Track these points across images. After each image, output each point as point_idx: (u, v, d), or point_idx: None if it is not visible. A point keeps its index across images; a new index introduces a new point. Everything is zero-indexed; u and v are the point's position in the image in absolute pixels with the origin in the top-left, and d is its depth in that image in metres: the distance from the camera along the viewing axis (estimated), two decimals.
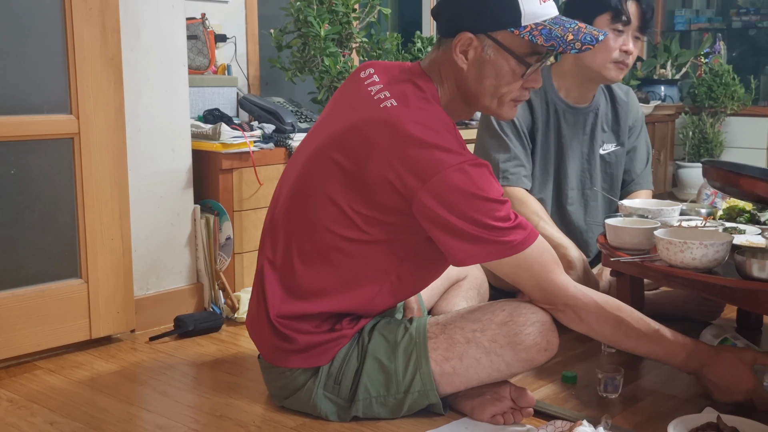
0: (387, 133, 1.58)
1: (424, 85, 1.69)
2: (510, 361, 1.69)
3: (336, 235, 1.66)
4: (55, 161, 2.19)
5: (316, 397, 1.74)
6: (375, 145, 1.59)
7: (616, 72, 2.37)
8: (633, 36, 2.36)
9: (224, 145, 2.56)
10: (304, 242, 1.71)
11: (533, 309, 1.71)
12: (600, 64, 2.36)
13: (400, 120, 1.59)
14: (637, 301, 2.22)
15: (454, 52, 1.65)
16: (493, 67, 1.65)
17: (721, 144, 4.88)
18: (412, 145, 1.57)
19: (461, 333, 1.70)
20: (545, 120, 2.46)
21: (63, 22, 2.15)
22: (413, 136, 1.57)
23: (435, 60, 1.72)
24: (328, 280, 1.70)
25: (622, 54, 2.35)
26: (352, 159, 1.62)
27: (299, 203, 1.71)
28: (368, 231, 1.65)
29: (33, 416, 1.82)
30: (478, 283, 2.16)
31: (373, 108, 1.64)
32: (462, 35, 1.63)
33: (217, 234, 2.58)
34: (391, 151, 1.57)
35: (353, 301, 1.72)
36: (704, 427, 1.62)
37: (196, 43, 3.18)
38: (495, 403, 1.76)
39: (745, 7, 5.51)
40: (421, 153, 1.56)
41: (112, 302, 2.31)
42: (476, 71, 1.66)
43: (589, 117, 2.51)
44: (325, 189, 1.66)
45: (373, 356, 1.71)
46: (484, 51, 1.64)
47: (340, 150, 1.64)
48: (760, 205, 2.26)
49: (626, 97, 2.60)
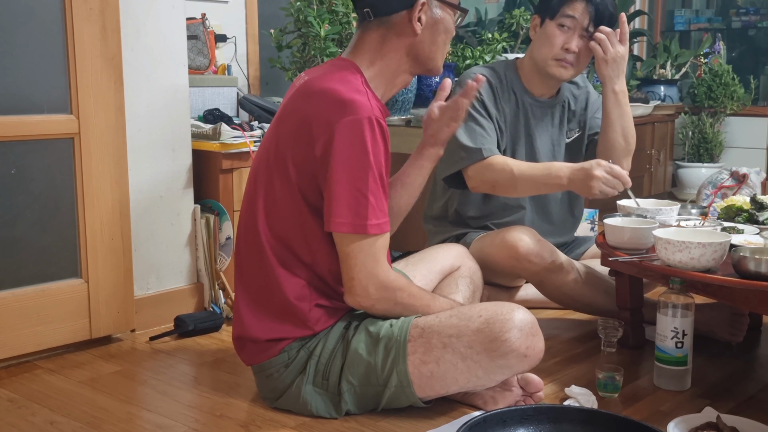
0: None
1: (345, 63, 1.78)
2: (488, 367, 1.68)
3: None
4: (55, 161, 2.19)
5: (305, 394, 1.76)
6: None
7: (557, 69, 2.37)
8: (580, 35, 2.34)
9: (224, 145, 2.56)
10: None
11: (512, 315, 1.68)
12: (543, 59, 2.38)
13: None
14: (636, 301, 2.23)
15: (413, 21, 1.76)
16: (443, 24, 1.81)
17: (721, 144, 4.88)
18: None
19: (438, 338, 1.70)
20: (514, 114, 2.46)
21: (63, 22, 2.15)
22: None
23: (367, 42, 1.79)
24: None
25: (563, 52, 2.34)
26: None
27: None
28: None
29: (33, 416, 1.83)
30: (471, 272, 2.17)
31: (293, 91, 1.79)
32: (418, 3, 1.75)
33: (217, 234, 2.58)
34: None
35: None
36: (704, 427, 1.62)
37: (196, 43, 3.19)
38: (506, 393, 1.80)
39: (744, 7, 5.51)
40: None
41: (112, 302, 2.32)
42: (429, 33, 1.79)
43: (557, 109, 2.52)
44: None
45: (355, 349, 1.74)
46: (432, 12, 1.79)
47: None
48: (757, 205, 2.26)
49: (583, 83, 2.61)
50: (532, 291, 2.55)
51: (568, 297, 2.38)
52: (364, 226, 1.66)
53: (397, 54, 1.79)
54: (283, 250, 1.74)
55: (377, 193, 1.67)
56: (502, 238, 2.33)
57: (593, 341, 2.27)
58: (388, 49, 1.78)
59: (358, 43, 1.80)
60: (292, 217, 1.72)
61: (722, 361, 2.16)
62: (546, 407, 1.67)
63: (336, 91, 1.67)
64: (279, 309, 1.75)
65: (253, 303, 1.78)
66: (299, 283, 1.74)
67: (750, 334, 2.29)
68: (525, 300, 2.56)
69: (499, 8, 5.18)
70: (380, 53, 1.78)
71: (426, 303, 1.78)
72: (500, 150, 2.43)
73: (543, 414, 1.62)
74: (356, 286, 1.70)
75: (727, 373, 2.08)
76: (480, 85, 1.90)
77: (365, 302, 1.72)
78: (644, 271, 2.05)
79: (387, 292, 1.72)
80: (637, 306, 2.24)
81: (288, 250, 1.74)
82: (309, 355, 1.76)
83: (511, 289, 2.60)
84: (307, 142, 1.68)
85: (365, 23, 1.79)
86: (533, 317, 1.72)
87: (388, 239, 1.73)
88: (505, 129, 2.45)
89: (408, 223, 2.11)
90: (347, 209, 1.65)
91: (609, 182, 2.15)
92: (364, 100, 1.66)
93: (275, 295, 1.74)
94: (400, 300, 1.74)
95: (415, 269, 2.08)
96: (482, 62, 3.59)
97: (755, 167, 2.91)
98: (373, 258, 1.69)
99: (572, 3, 2.32)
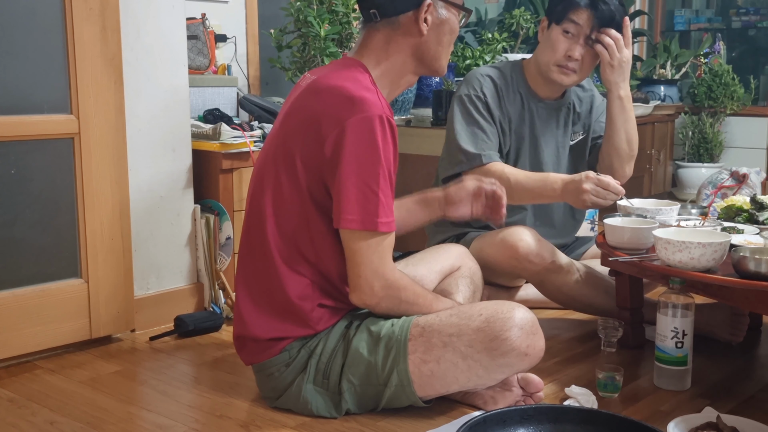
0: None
1: (352, 62, 1.78)
2: (488, 366, 1.68)
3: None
4: (55, 161, 2.19)
5: (306, 393, 1.76)
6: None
7: (558, 75, 2.38)
8: (583, 43, 2.34)
9: (224, 145, 2.56)
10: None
11: (512, 314, 1.69)
12: (545, 64, 2.39)
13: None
14: (636, 301, 2.23)
15: (419, 22, 1.76)
16: (448, 24, 1.81)
17: (721, 144, 4.88)
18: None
19: (438, 337, 1.70)
20: (519, 115, 2.47)
21: (63, 22, 2.15)
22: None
23: (373, 42, 1.79)
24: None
25: (565, 59, 2.35)
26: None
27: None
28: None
29: (33, 416, 1.83)
30: (471, 272, 2.17)
31: (299, 90, 1.79)
32: (425, 4, 1.75)
33: (217, 234, 2.58)
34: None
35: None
36: (704, 427, 1.62)
37: (196, 43, 3.19)
38: (506, 393, 1.80)
39: (744, 7, 5.51)
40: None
41: (112, 302, 2.32)
42: (435, 33, 1.80)
43: (562, 111, 2.53)
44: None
45: (356, 348, 1.74)
46: (438, 12, 1.79)
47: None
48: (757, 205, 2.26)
49: (588, 86, 2.62)
50: (532, 291, 2.55)
51: (569, 297, 2.38)
52: (375, 223, 1.66)
53: (402, 54, 1.79)
54: (288, 249, 1.74)
55: (387, 191, 1.67)
56: (502, 238, 2.33)
57: (593, 341, 2.27)
58: (393, 50, 1.78)
59: (364, 43, 1.80)
60: (299, 215, 1.72)
61: (722, 361, 2.16)
62: (546, 407, 1.67)
63: (346, 88, 1.67)
64: (281, 308, 1.75)
65: (254, 302, 1.78)
66: (303, 282, 1.74)
67: (750, 334, 2.29)
68: (525, 300, 2.55)
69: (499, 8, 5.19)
70: (386, 53, 1.78)
71: (429, 303, 1.78)
72: (503, 152, 2.44)
73: (543, 414, 1.62)
74: (362, 284, 1.70)
75: (727, 373, 2.08)
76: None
77: (370, 300, 1.72)
78: (644, 271, 2.05)
79: (392, 290, 1.72)
80: (637, 306, 2.24)
81: (294, 248, 1.73)
82: (310, 354, 1.76)
83: (511, 289, 2.60)
84: (315, 140, 1.67)
85: (371, 24, 1.79)
86: (534, 316, 1.72)
87: (394, 238, 1.73)
88: (509, 131, 2.45)
89: None
90: (357, 206, 1.65)
91: (599, 194, 2.17)
92: (374, 98, 1.66)
93: (278, 294, 1.74)
94: (404, 299, 1.74)
95: (416, 269, 2.07)
96: (482, 62, 3.59)
97: (755, 167, 2.90)
98: (380, 256, 1.69)
99: (577, 10, 2.32)
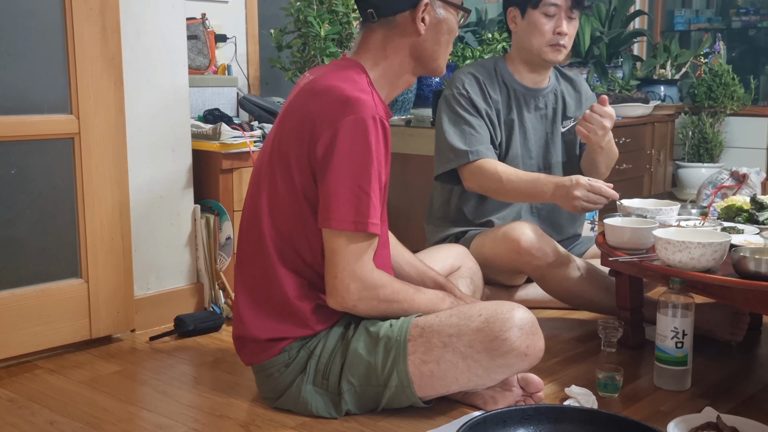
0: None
1: (350, 63, 1.78)
2: (488, 366, 1.68)
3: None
4: (55, 161, 2.19)
5: (305, 393, 1.76)
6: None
7: (553, 54, 2.44)
8: (566, 17, 2.42)
9: (224, 145, 2.56)
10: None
11: (512, 314, 1.69)
12: (537, 47, 2.44)
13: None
14: (636, 301, 2.23)
15: (416, 21, 1.75)
16: (446, 24, 1.80)
17: (721, 144, 4.88)
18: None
19: (438, 337, 1.69)
20: (506, 102, 2.50)
21: (63, 22, 2.15)
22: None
23: (371, 42, 1.79)
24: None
25: (556, 36, 2.42)
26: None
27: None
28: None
29: (33, 416, 1.83)
30: (471, 272, 2.17)
31: (298, 90, 1.79)
32: (422, 3, 1.75)
33: (217, 234, 2.58)
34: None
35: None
36: (704, 427, 1.62)
37: (196, 43, 3.19)
38: (506, 393, 1.80)
39: (744, 7, 5.51)
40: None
41: (112, 302, 2.32)
42: (433, 33, 1.79)
43: (550, 97, 2.57)
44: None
45: (355, 348, 1.73)
46: (436, 12, 1.78)
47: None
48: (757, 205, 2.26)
49: (576, 77, 2.66)
50: (532, 291, 2.55)
51: (569, 293, 2.38)
52: (365, 224, 1.65)
53: (400, 54, 1.79)
54: (285, 249, 1.73)
55: (377, 193, 1.67)
56: (503, 233, 2.34)
57: (593, 341, 2.27)
58: (391, 50, 1.78)
59: (362, 43, 1.80)
60: (295, 215, 1.72)
61: (722, 361, 2.16)
62: (546, 407, 1.67)
63: (340, 89, 1.67)
64: (280, 308, 1.75)
65: (253, 302, 1.78)
66: (301, 283, 1.74)
67: (750, 334, 2.29)
68: (524, 300, 2.55)
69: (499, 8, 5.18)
70: (384, 53, 1.78)
71: (410, 297, 1.75)
72: (495, 143, 2.45)
73: (543, 414, 1.62)
74: (338, 286, 1.68)
75: (727, 373, 2.08)
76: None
77: (346, 303, 1.70)
78: (644, 271, 2.05)
79: (368, 291, 1.69)
80: (637, 306, 2.24)
81: (291, 248, 1.73)
82: (309, 354, 1.76)
83: (510, 288, 2.60)
84: (309, 140, 1.67)
85: (369, 24, 1.79)
86: (533, 316, 1.72)
87: (377, 241, 1.72)
88: (498, 120, 2.48)
89: (408, 223, 2.11)
90: (349, 207, 1.64)
91: (590, 199, 2.19)
92: (369, 99, 1.66)
93: (276, 294, 1.74)
94: (383, 297, 1.71)
95: None
96: None
97: (755, 167, 2.91)
98: (360, 257, 1.67)
99: None
